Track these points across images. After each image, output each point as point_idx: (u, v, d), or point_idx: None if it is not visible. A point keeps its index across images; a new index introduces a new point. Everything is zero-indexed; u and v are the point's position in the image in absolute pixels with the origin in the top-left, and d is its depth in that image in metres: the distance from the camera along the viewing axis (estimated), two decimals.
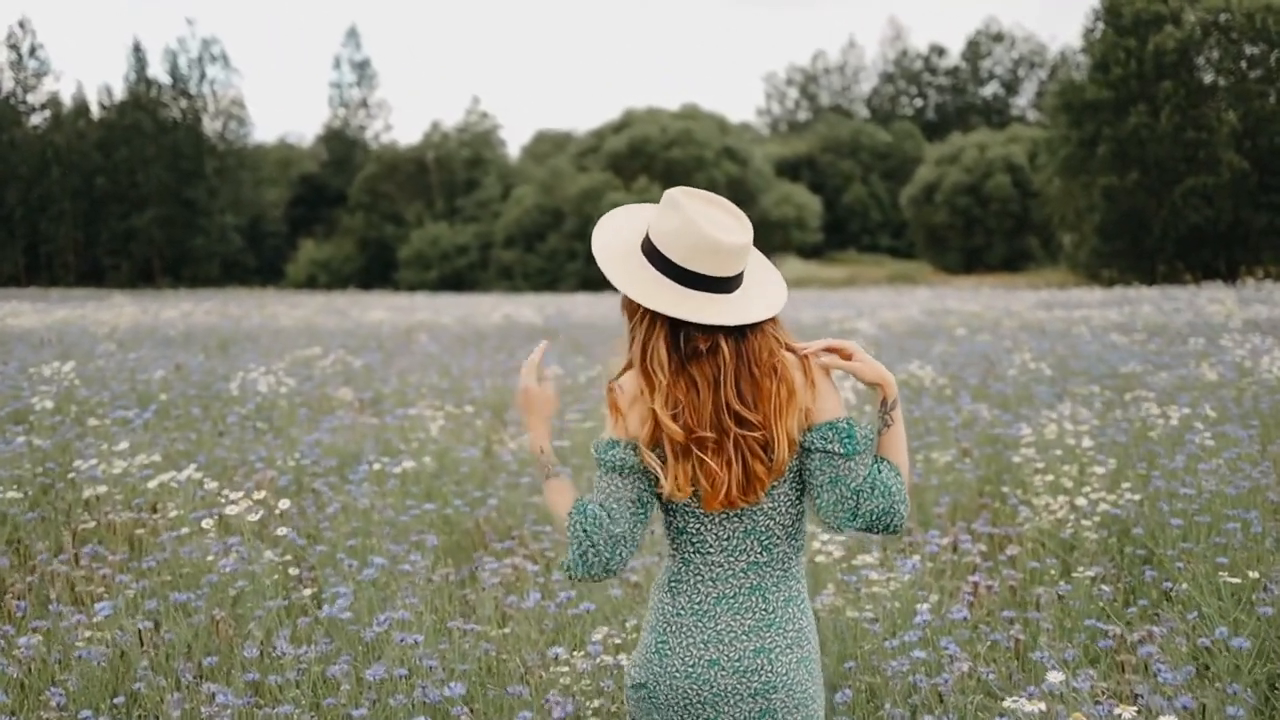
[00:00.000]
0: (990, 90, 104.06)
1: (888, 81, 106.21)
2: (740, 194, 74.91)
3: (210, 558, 5.96)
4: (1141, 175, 55.35)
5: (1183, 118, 54.47)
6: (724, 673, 3.05)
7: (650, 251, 3.08)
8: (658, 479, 3.03)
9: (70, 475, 8.02)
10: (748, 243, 3.05)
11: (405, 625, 5.07)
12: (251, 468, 8.63)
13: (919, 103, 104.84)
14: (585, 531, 3.01)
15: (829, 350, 3.13)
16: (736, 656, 3.06)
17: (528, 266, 67.39)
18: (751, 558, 3.08)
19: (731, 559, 3.08)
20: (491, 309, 29.98)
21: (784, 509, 3.09)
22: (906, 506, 3.09)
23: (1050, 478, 7.30)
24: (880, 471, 3.06)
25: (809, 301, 35.05)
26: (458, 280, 68.24)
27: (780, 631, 3.09)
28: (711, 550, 3.08)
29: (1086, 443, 7.78)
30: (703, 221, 3.00)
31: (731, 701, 3.06)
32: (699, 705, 3.06)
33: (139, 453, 8.41)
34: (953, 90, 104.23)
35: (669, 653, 3.09)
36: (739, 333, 3.02)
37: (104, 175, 77.27)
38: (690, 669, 3.06)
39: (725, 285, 3.03)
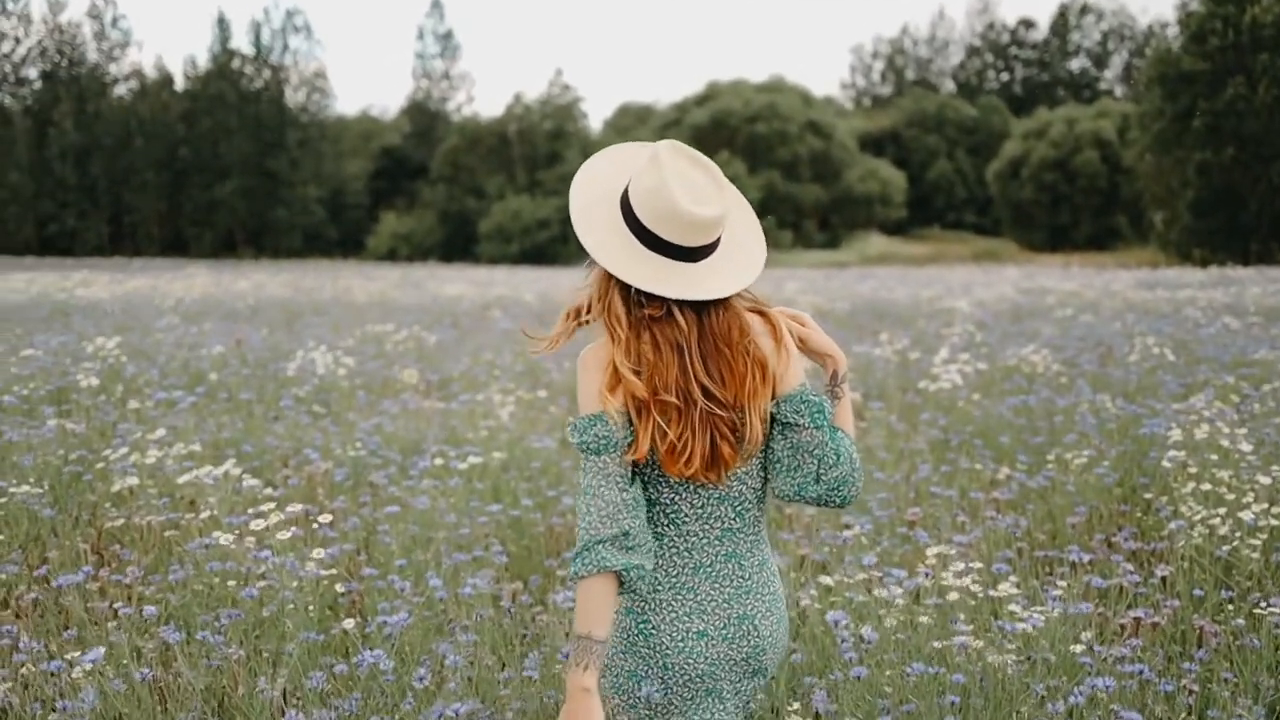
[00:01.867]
0: (1078, 64, 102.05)
1: (974, 55, 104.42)
2: (824, 169, 74.20)
3: (247, 567, 5.16)
4: (1237, 151, 53.69)
5: None
6: (713, 642, 3.02)
7: (625, 204, 2.98)
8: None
9: (99, 465, 7.25)
10: (719, 216, 2.92)
11: (457, 684, 4.22)
12: (304, 459, 7.80)
13: (1005, 77, 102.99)
14: (586, 521, 2.88)
15: (783, 316, 3.09)
16: (723, 625, 3.02)
17: None
18: (726, 524, 3.04)
19: (707, 527, 3.03)
20: (572, 284, 29.19)
21: (755, 473, 3.05)
22: (861, 477, 3.08)
23: (1206, 486, 6.32)
24: (839, 440, 3.03)
25: (895, 279, 34.04)
26: (538, 254, 67.79)
27: (759, 597, 3.07)
28: (687, 519, 3.02)
29: (1245, 445, 6.80)
30: (677, 187, 2.89)
31: (725, 667, 3.03)
32: (697, 679, 3.02)
33: (180, 440, 7.64)
34: (1040, 64, 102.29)
35: (653, 631, 3.02)
36: (698, 305, 2.93)
37: (187, 146, 77.93)
38: (680, 643, 3.01)
39: (690, 254, 2.92)
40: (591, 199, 3.02)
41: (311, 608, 4.99)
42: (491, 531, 6.53)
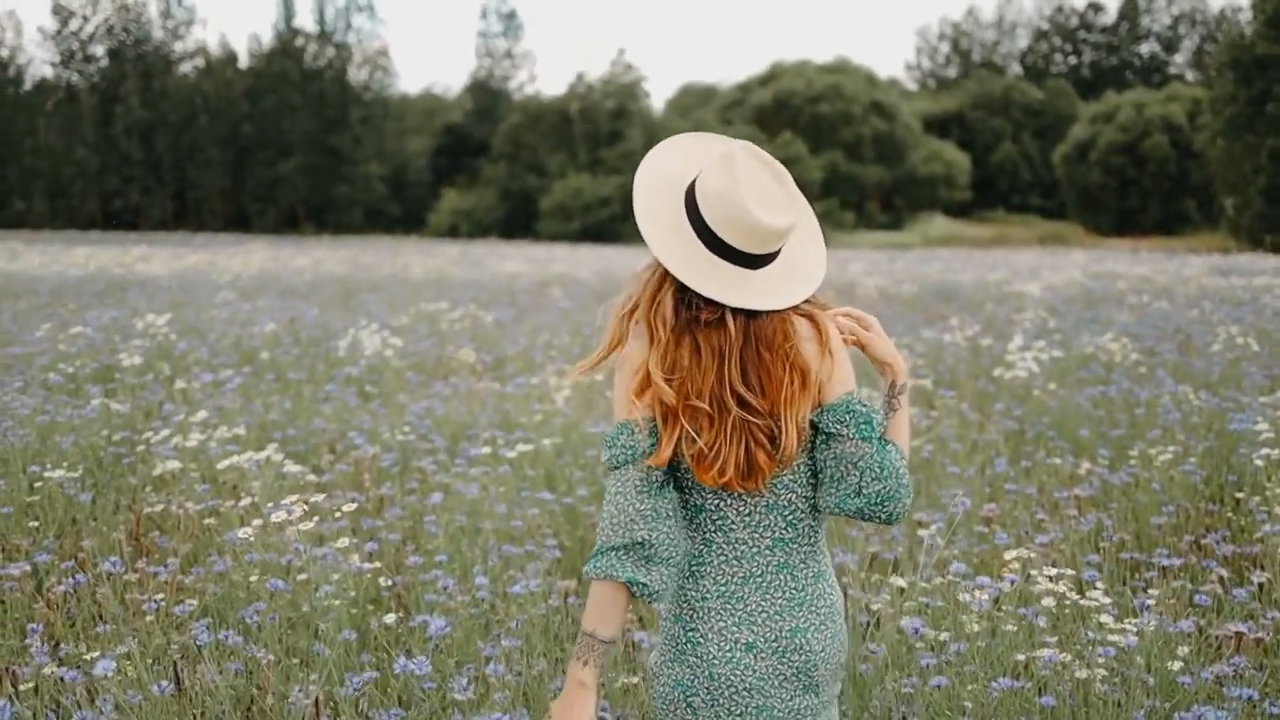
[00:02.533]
0: (1148, 48, 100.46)
1: (1042, 38, 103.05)
2: (888, 150, 73.70)
3: (287, 559, 4.87)
4: None
5: None
6: (762, 654, 2.90)
7: (690, 201, 2.87)
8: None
9: (140, 448, 6.99)
10: (789, 226, 2.83)
11: (504, 695, 3.91)
12: (351, 443, 7.49)
13: (1073, 60, 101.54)
14: (602, 526, 2.83)
15: (846, 317, 3.03)
16: (773, 637, 2.91)
17: None
18: (777, 534, 2.92)
19: (756, 535, 2.92)
20: (632, 263, 28.79)
21: (805, 481, 2.92)
22: (909, 494, 2.91)
23: None
24: (887, 453, 2.89)
25: (960, 261, 33.49)
26: (599, 232, 67.65)
27: (812, 609, 2.94)
28: (734, 527, 2.92)
29: None
30: (748, 193, 2.78)
31: (776, 683, 2.91)
32: (744, 693, 2.90)
33: (225, 422, 7.38)
34: (1108, 48, 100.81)
35: (700, 640, 2.91)
36: (750, 311, 2.83)
37: (251, 123, 78.47)
38: (728, 654, 2.90)
39: (752, 261, 2.82)
40: (656, 190, 2.92)
41: (352, 607, 4.70)
42: (544, 522, 6.21)
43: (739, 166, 2.79)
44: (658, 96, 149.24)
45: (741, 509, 2.90)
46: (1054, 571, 4.60)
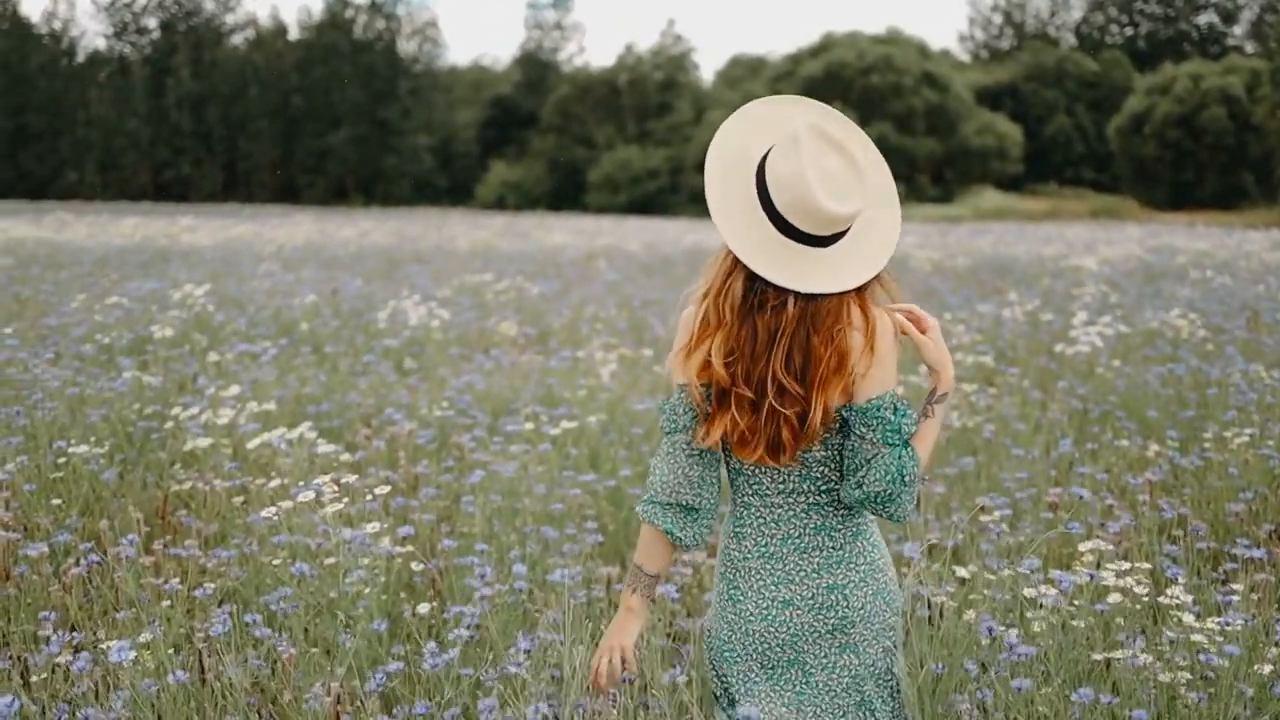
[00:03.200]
0: (1205, 19, 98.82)
1: (1097, 9, 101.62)
2: (939, 122, 72.99)
3: (317, 542, 4.60)
4: None
5: None
6: (799, 611, 2.99)
7: (760, 182, 2.88)
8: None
9: (168, 424, 6.73)
10: (856, 212, 2.83)
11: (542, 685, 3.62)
12: (388, 419, 7.19)
13: (1129, 32, 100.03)
14: (653, 479, 3.05)
15: (908, 315, 3.02)
16: (810, 594, 2.99)
17: None
18: (810, 499, 3.01)
19: (790, 500, 3.01)
20: (680, 235, 28.44)
21: (837, 455, 2.99)
22: (912, 499, 2.96)
23: None
24: (903, 458, 2.90)
25: (1013, 235, 32.95)
26: (647, 204, 67.39)
27: (851, 567, 3.01)
28: (769, 493, 3.02)
29: None
30: (814, 179, 2.77)
31: (810, 639, 3.00)
32: (778, 647, 3.01)
33: (259, 397, 7.12)
34: (1165, 19, 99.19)
35: (740, 598, 3.03)
36: (812, 294, 2.85)
37: (300, 94, 78.61)
38: (765, 611, 3.01)
39: (824, 240, 2.84)
40: (726, 170, 2.91)
41: (383, 594, 4.43)
42: (586, 503, 5.92)
43: (804, 151, 2.78)
44: (707, 68, 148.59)
45: (775, 476, 3.01)
46: (1128, 565, 4.27)
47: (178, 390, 7.93)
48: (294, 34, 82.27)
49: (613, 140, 74.26)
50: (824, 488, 3.00)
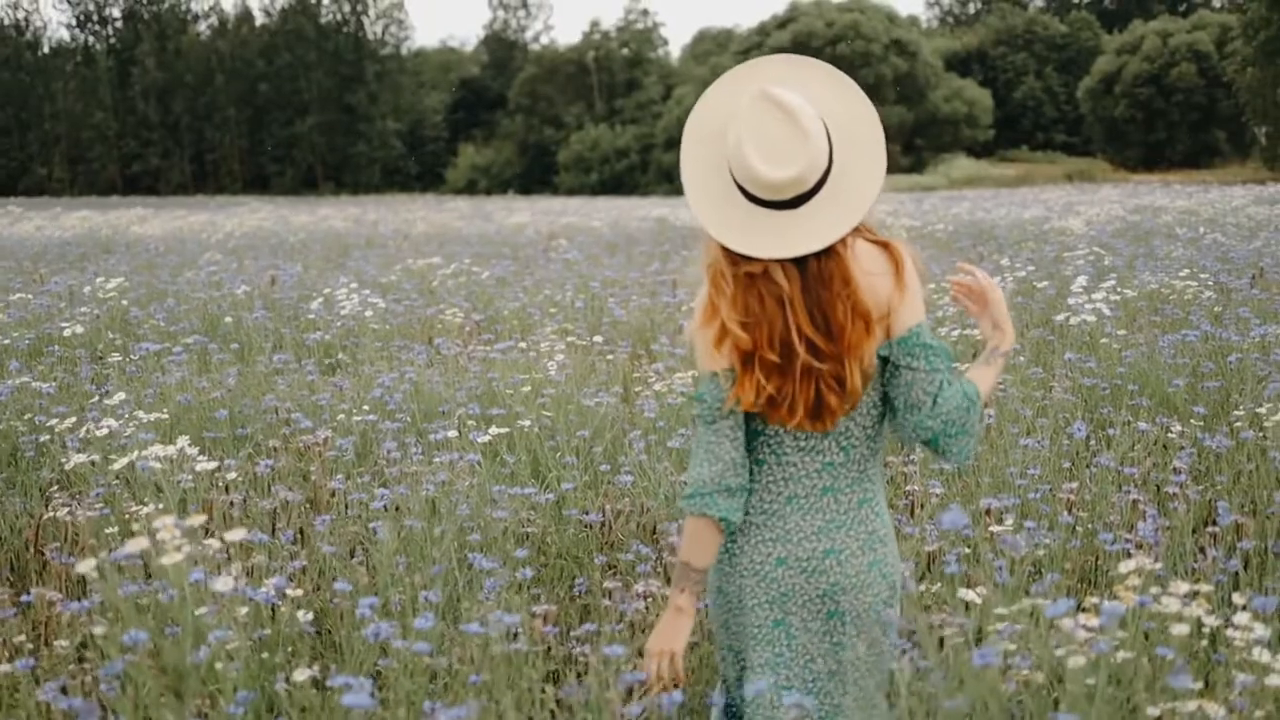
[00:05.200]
0: None
1: None
2: (909, 90, 72.61)
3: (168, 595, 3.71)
4: None
5: None
6: (791, 571, 2.96)
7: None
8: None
9: (44, 438, 5.82)
10: (797, 176, 2.77)
11: None
12: (296, 429, 6.24)
13: None
14: (698, 472, 2.94)
15: (967, 288, 3.14)
16: (805, 556, 2.96)
17: None
18: (827, 458, 2.97)
19: (807, 459, 2.97)
20: (647, 210, 27.51)
21: (865, 411, 2.96)
22: (979, 424, 2.98)
23: None
24: (960, 383, 2.94)
25: (989, 201, 32.17)
26: (618, 184, 67.00)
27: (851, 533, 2.98)
28: (788, 451, 2.97)
29: None
30: (751, 147, 2.77)
31: (799, 601, 2.97)
32: (766, 605, 2.98)
33: (163, 402, 6.22)
34: None
35: (738, 553, 3.00)
36: (797, 259, 2.83)
37: (267, 82, 78.08)
38: (757, 567, 2.98)
39: (790, 203, 2.80)
40: (698, 141, 2.92)
41: (263, 651, 3.56)
42: (525, 520, 5.03)
43: (744, 120, 2.78)
44: (674, 43, 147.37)
45: (799, 435, 2.95)
46: (1187, 588, 3.40)
47: (73, 398, 7.00)
48: (259, 20, 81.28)
49: (581, 120, 73.69)
50: (845, 444, 2.97)
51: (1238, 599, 3.70)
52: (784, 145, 2.75)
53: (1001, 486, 5.35)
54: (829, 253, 2.82)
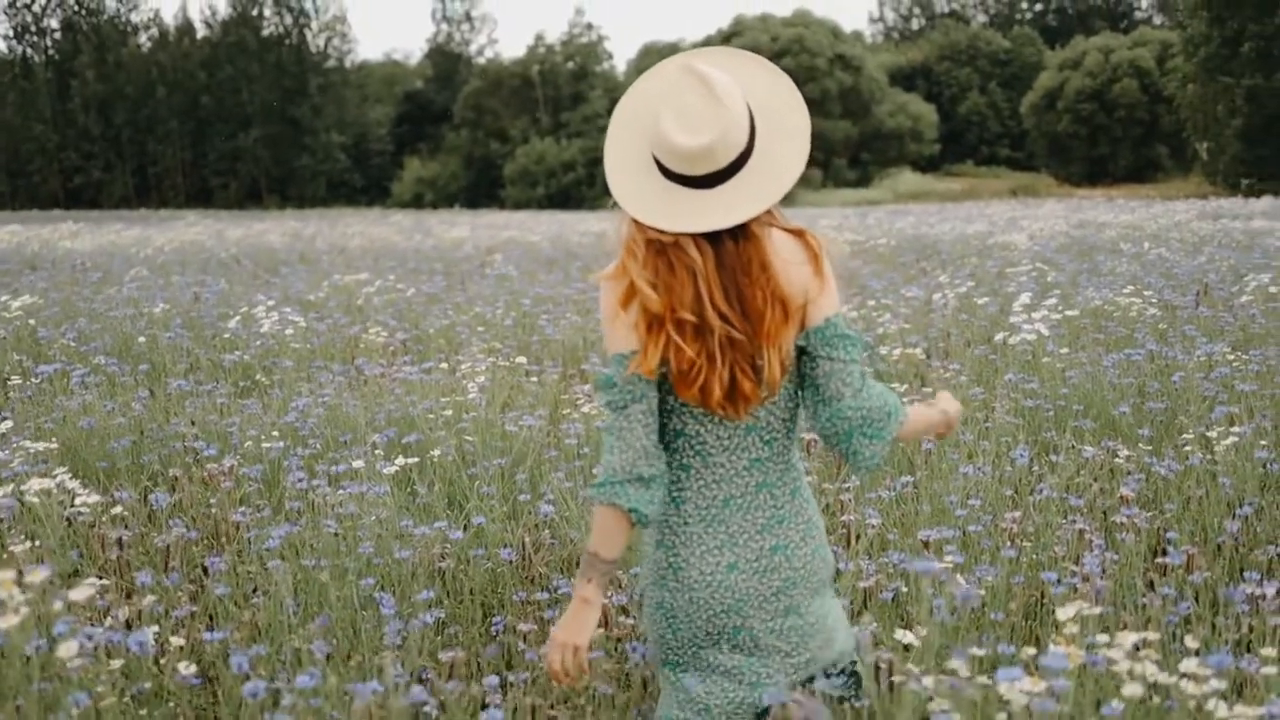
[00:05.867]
0: None
1: None
2: (854, 104, 72.97)
3: (35, 645, 3.38)
4: None
5: None
6: (743, 575, 2.92)
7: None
8: (661, 380, 2.86)
9: None
10: (709, 144, 2.73)
11: None
12: (201, 457, 5.88)
13: (1039, 7, 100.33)
14: (609, 459, 2.85)
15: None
16: (754, 556, 2.93)
17: None
18: (754, 454, 2.94)
19: (734, 457, 2.93)
20: (589, 225, 27.19)
21: (783, 402, 2.93)
22: (896, 425, 2.90)
23: None
24: (888, 391, 2.92)
25: (933, 215, 32.11)
26: (565, 197, 66.81)
27: (792, 525, 2.97)
28: (713, 451, 2.93)
29: None
30: (667, 116, 2.76)
31: (756, 603, 2.92)
32: (724, 613, 2.92)
33: (69, 427, 5.85)
34: None
35: (683, 565, 2.93)
36: (712, 234, 2.78)
37: (209, 94, 77.43)
38: (708, 577, 2.91)
39: (707, 181, 2.77)
40: (625, 121, 2.90)
41: (132, 713, 3.24)
42: (439, 556, 4.71)
43: (664, 91, 2.78)
44: (619, 57, 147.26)
45: (720, 433, 2.90)
46: (1137, 636, 3.14)
47: None
48: (200, 32, 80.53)
49: (527, 133, 73.45)
50: (767, 438, 2.93)
51: (1190, 641, 3.45)
52: (698, 114, 2.73)
53: (942, 516, 5.08)
54: (747, 236, 2.78)
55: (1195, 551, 4.62)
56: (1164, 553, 4.94)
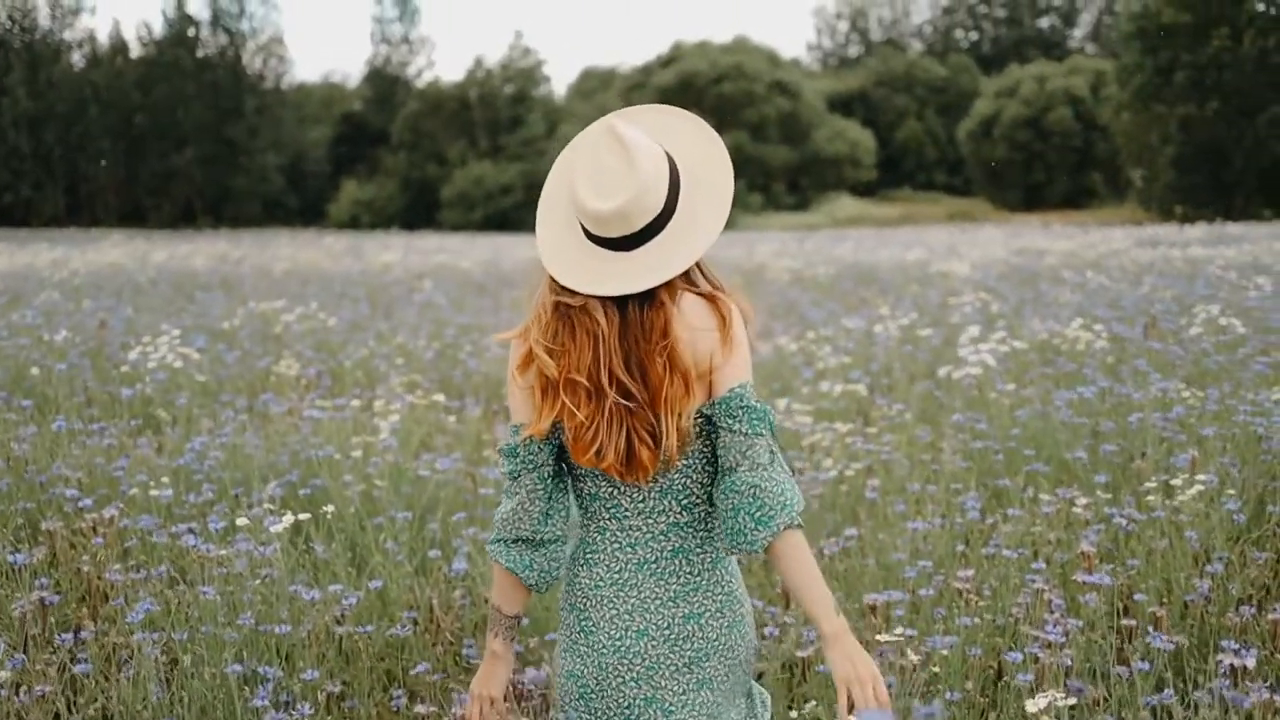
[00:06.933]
0: (1047, 22, 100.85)
1: (945, 14, 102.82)
2: (792, 130, 73.23)
3: None
4: (1222, 104, 52.53)
5: (1268, 41, 51.03)
6: (653, 642, 2.80)
7: None
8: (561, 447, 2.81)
9: None
10: (619, 208, 2.66)
11: None
12: (78, 509, 5.32)
13: (974, 36, 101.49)
14: (503, 519, 2.84)
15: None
16: (665, 624, 2.80)
17: None
18: (671, 518, 2.83)
19: (650, 521, 2.83)
20: (524, 251, 26.72)
21: (700, 466, 2.81)
22: (795, 509, 2.71)
23: None
24: (797, 490, 2.75)
25: (871, 241, 31.92)
26: (503, 220, 66.52)
27: (708, 595, 2.84)
28: (628, 514, 2.84)
29: None
30: (581, 179, 2.70)
31: (666, 673, 2.81)
32: (633, 682, 2.81)
33: None
34: (1009, 22, 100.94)
35: (592, 629, 2.84)
36: (619, 298, 2.71)
37: (143, 113, 76.59)
38: (618, 642, 2.81)
39: (626, 243, 2.71)
40: (562, 170, 2.86)
41: None
42: (335, 621, 4.24)
43: (580, 153, 2.75)
44: (559, 81, 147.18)
45: (635, 495, 2.82)
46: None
47: None
48: (135, 51, 79.64)
49: (465, 156, 73.13)
50: (685, 503, 2.82)
51: None
52: (612, 176, 2.66)
53: (889, 574, 4.66)
54: (653, 303, 2.70)
55: (1163, 613, 4.25)
56: (1128, 612, 4.56)
